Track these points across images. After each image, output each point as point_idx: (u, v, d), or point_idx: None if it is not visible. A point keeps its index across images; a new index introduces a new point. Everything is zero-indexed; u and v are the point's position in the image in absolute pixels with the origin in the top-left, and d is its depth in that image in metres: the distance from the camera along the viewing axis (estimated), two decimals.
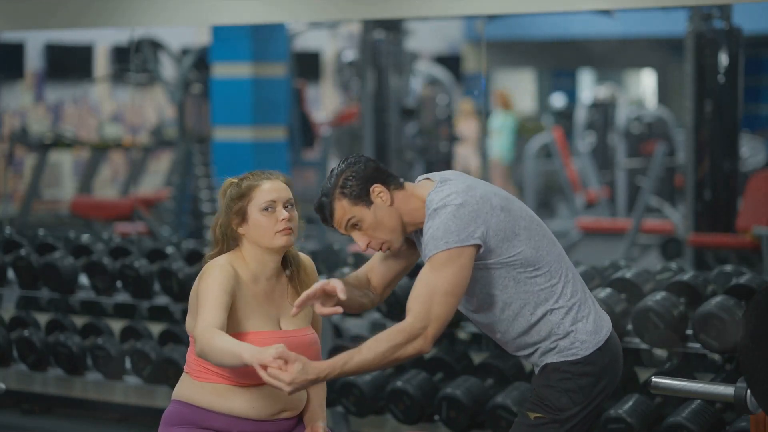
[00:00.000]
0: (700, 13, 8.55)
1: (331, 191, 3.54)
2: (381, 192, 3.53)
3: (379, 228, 3.54)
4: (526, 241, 3.52)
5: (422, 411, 5.54)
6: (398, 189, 3.56)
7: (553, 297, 3.55)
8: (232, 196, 3.63)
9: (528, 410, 3.60)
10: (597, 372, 3.56)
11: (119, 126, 15.05)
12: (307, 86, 14.95)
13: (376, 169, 3.56)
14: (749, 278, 5.30)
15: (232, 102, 10.60)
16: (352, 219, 3.54)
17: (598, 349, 3.57)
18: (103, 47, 14.60)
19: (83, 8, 7.15)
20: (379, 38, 10.89)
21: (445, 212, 3.44)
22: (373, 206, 3.53)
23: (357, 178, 3.53)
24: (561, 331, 3.55)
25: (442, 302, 3.41)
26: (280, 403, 3.64)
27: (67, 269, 6.53)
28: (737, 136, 8.80)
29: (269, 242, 3.61)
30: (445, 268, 3.42)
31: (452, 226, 3.43)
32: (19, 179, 13.93)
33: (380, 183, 3.54)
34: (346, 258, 6.28)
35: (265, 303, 3.63)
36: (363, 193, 3.52)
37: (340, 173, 3.55)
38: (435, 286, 3.42)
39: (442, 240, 3.43)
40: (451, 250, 3.42)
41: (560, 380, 3.56)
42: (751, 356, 3.33)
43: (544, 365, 3.60)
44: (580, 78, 22.21)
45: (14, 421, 6.62)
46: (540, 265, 3.53)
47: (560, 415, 3.55)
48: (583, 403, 3.56)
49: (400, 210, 3.55)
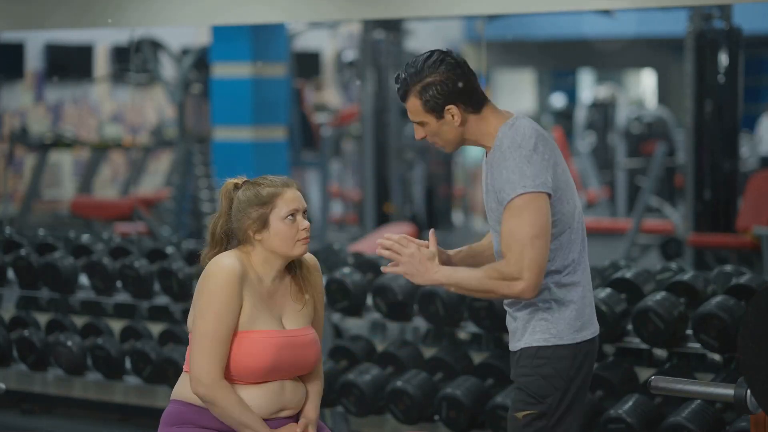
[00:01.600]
0: (700, 13, 8.56)
1: (412, 81, 3.58)
2: (455, 113, 3.58)
3: (438, 135, 3.62)
4: (561, 210, 3.56)
5: (422, 411, 5.54)
6: (475, 112, 3.60)
7: (558, 272, 3.57)
8: (252, 202, 3.61)
9: (515, 411, 3.61)
10: (571, 355, 3.58)
11: (119, 126, 15.05)
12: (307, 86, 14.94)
13: (464, 86, 3.57)
14: (749, 278, 5.31)
15: (232, 102, 10.60)
16: (418, 119, 3.60)
17: (575, 343, 3.59)
18: (103, 47, 14.60)
19: (83, 8, 7.15)
20: (379, 38, 10.90)
21: (519, 154, 3.50)
22: (442, 120, 3.59)
23: (439, 92, 3.56)
24: (544, 303, 3.57)
25: (532, 246, 3.46)
26: (280, 401, 3.64)
27: (67, 269, 6.53)
28: (737, 136, 8.80)
29: (289, 251, 3.62)
30: (527, 213, 3.47)
31: (527, 170, 3.48)
32: (19, 179, 13.93)
33: (459, 104, 3.57)
34: (346, 258, 6.29)
35: (269, 302, 3.64)
36: (438, 108, 3.57)
37: (430, 72, 3.56)
38: (521, 233, 3.47)
39: (519, 183, 3.47)
40: (528, 194, 3.47)
41: (537, 366, 3.58)
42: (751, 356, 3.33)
43: (520, 351, 3.62)
44: (580, 78, 22.21)
45: (14, 421, 6.62)
46: (561, 238, 3.56)
47: (545, 403, 3.56)
48: (563, 387, 3.58)
49: (467, 130, 3.60)
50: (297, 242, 3.61)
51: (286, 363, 3.62)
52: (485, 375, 5.60)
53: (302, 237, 3.61)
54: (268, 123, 10.65)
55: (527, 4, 6.61)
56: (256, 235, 3.61)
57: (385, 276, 5.72)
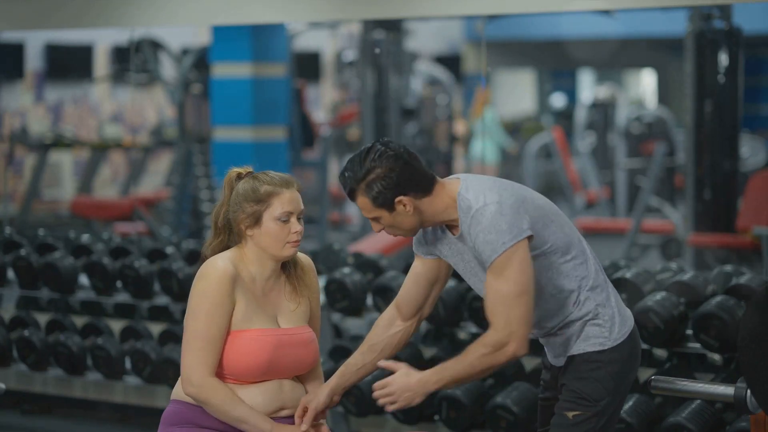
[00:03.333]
0: (700, 13, 8.55)
1: (357, 182, 3.49)
2: (406, 203, 3.49)
3: (395, 227, 3.55)
4: (559, 228, 3.55)
5: (422, 411, 5.54)
6: (426, 195, 3.52)
7: (586, 280, 3.56)
8: (248, 198, 3.61)
9: (565, 410, 3.58)
10: (624, 358, 3.58)
11: (119, 126, 15.05)
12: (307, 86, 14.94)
13: (410, 175, 3.49)
14: (749, 278, 5.30)
15: (232, 102, 10.60)
16: (371, 215, 3.54)
17: (626, 338, 3.58)
18: (103, 47, 14.60)
19: (83, 8, 7.15)
20: (379, 38, 10.90)
21: (489, 212, 3.44)
22: (394, 212, 3.51)
23: (385, 186, 3.47)
24: (590, 313, 3.56)
25: (517, 305, 3.42)
26: (280, 401, 3.64)
27: (67, 269, 6.53)
28: (737, 136, 8.80)
29: (277, 251, 3.61)
30: (509, 271, 3.42)
31: (502, 224, 3.43)
32: (19, 179, 13.94)
33: (407, 194, 3.49)
34: (346, 258, 6.28)
35: (263, 301, 3.64)
36: (388, 202, 3.49)
37: (372, 169, 3.48)
38: (506, 293, 3.43)
39: (498, 242, 3.42)
40: (508, 250, 3.42)
41: (591, 370, 3.56)
42: (751, 356, 3.33)
43: (570, 357, 3.60)
44: (580, 78, 22.22)
45: (14, 421, 6.62)
46: (571, 250, 3.56)
47: (597, 406, 3.55)
48: (615, 390, 3.57)
49: (424, 214, 3.53)
50: (286, 244, 3.60)
51: (283, 361, 3.61)
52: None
53: (292, 240, 3.60)
54: (268, 123, 10.65)
55: (527, 4, 6.61)
56: (248, 230, 3.61)
57: (385, 276, 5.72)
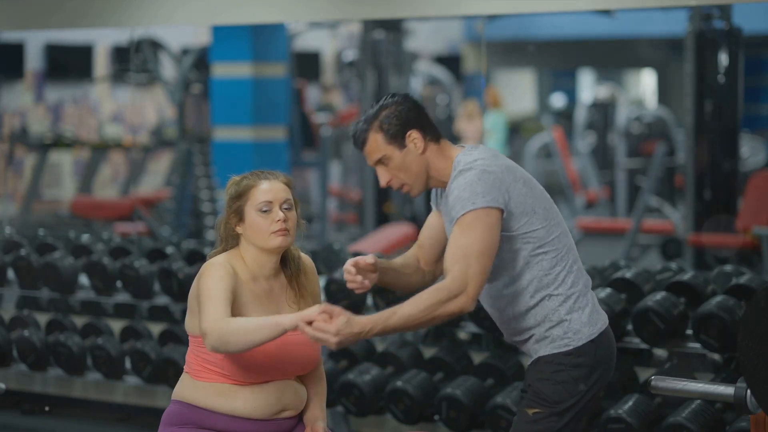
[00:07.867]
0: (700, 13, 8.56)
1: (369, 121, 3.63)
2: (416, 138, 3.62)
3: (404, 170, 3.63)
4: (542, 221, 3.58)
5: (422, 411, 5.54)
6: (434, 141, 3.65)
7: (555, 284, 3.60)
8: (231, 195, 3.67)
9: (526, 407, 3.65)
10: (590, 363, 3.61)
11: (119, 126, 15.05)
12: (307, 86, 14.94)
13: (419, 114, 3.65)
14: (749, 278, 5.31)
15: (232, 102, 10.61)
16: (381, 155, 3.62)
17: (591, 341, 3.62)
18: (103, 47, 14.60)
19: (83, 8, 7.15)
20: (379, 38, 10.89)
21: (471, 174, 3.52)
22: (405, 150, 3.62)
23: (398, 118, 3.61)
24: (555, 318, 3.60)
25: (477, 262, 3.47)
26: (281, 402, 3.64)
27: (67, 269, 6.53)
28: (737, 136, 8.80)
29: (264, 243, 3.62)
30: (475, 229, 3.48)
31: (478, 188, 3.50)
32: (19, 179, 13.93)
33: (418, 129, 3.62)
34: (346, 258, 6.27)
35: (264, 301, 3.64)
36: (399, 135, 3.61)
37: (384, 107, 3.63)
38: (468, 247, 3.47)
39: (469, 201, 3.49)
40: (478, 211, 3.48)
41: (554, 372, 3.61)
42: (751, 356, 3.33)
43: (536, 358, 3.65)
44: (580, 78, 22.22)
45: (14, 421, 6.62)
46: (548, 249, 3.59)
47: (557, 407, 3.60)
48: (578, 394, 3.60)
49: (429, 161, 3.63)
50: (271, 234, 3.61)
51: (285, 361, 3.62)
52: (485, 375, 5.60)
53: (276, 229, 3.61)
54: (268, 123, 10.65)
55: (527, 4, 6.61)
56: (237, 227, 3.65)
57: None
